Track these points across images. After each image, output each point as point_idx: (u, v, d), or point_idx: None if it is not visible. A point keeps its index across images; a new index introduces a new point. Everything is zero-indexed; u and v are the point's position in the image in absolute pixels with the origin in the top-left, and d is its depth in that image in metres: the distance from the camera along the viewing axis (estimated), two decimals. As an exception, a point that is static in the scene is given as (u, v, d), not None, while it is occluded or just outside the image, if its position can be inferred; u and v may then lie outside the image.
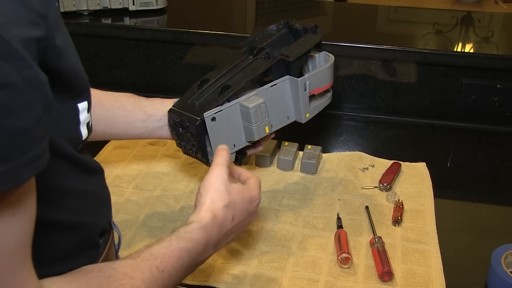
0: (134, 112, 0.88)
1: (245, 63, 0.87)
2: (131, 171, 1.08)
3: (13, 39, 0.39)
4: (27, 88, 0.40)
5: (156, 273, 0.59)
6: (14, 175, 0.40)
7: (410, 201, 1.00)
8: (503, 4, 2.49)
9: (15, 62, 0.39)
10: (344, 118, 1.34)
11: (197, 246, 0.65)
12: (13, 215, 0.43)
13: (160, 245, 0.62)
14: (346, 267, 0.84)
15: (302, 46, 0.88)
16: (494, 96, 1.26)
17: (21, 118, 0.39)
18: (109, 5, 1.42)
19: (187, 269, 0.65)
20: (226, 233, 0.71)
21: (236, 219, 0.72)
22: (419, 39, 1.39)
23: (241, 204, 0.73)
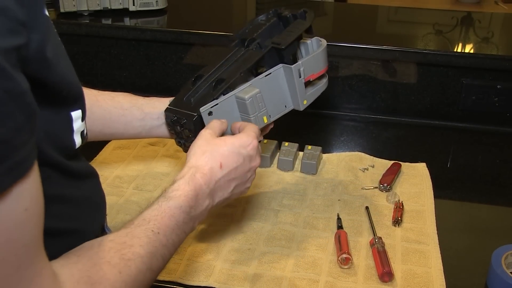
0: (132, 111, 0.88)
1: (237, 55, 0.86)
2: (131, 171, 1.08)
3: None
4: (7, 100, 0.40)
5: (152, 235, 0.60)
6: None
7: (410, 201, 1.00)
8: (503, 4, 2.49)
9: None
10: (344, 118, 1.34)
11: (187, 200, 0.66)
12: (25, 210, 0.44)
13: (151, 209, 0.63)
14: (346, 268, 0.84)
15: (292, 32, 0.87)
16: (494, 96, 1.26)
17: (0, 127, 0.40)
18: (109, 6, 1.42)
19: (184, 225, 0.65)
20: (218, 182, 0.71)
21: (226, 166, 0.72)
22: (419, 39, 1.39)
23: (229, 150, 0.73)
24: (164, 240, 0.61)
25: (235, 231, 0.92)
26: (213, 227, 0.93)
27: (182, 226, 0.65)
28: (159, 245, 0.60)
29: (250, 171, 0.76)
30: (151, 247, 0.59)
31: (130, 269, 0.56)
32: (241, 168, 0.74)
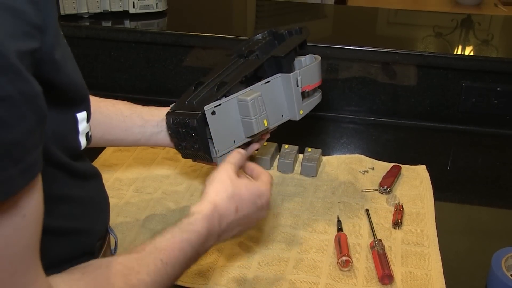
0: (132, 117, 0.89)
1: (237, 64, 0.89)
2: (131, 174, 1.08)
3: (11, 53, 0.40)
4: (21, 101, 0.40)
5: (161, 265, 0.60)
6: (7, 185, 0.41)
7: (410, 204, 1.00)
8: (503, 7, 2.49)
9: (12, 76, 0.39)
10: (344, 120, 1.34)
11: (199, 237, 0.66)
12: (23, 217, 0.44)
13: (164, 238, 0.64)
14: (346, 270, 0.84)
15: (289, 44, 0.90)
16: (494, 98, 1.26)
17: (14, 130, 0.40)
18: (110, 8, 1.42)
19: (189, 260, 0.66)
20: (229, 225, 0.71)
21: (240, 211, 0.72)
22: (419, 41, 1.39)
23: (247, 197, 0.73)
24: (171, 272, 0.62)
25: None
26: (213, 229, 0.93)
27: (188, 261, 0.66)
28: (165, 275, 0.61)
29: (259, 218, 0.77)
30: (158, 276, 0.60)
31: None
32: (252, 216, 0.75)
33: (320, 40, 1.28)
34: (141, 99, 1.40)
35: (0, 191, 0.41)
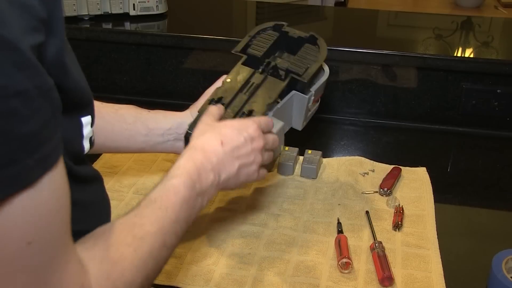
0: (135, 125, 0.88)
1: (257, 81, 0.87)
2: (132, 175, 1.08)
3: (26, 48, 0.41)
4: (37, 95, 0.42)
5: (160, 213, 0.61)
6: (24, 176, 0.42)
7: (411, 206, 1.00)
8: (503, 9, 2.49)
9: (28, 71, 0.41)
10: (345, 123, 1.34)
11: (189, 176, 0.67)
12: (57, 200, 0.46)
13: (155, 189, 0.65)
14: (347, 272, 0.84)
15: (307, 61, 0.90)
16: (494, 101, 1.26)
17: (30, 123, 0.42)
18: (110, 10, 1.42)
19: (191, 200, 0.66)
20: (220, 159, 0.72)
21: (226, 143, 0.73)
22: (419, 44, 1.39)
23: (229, 130, 0.75)
24: (174, 217, 0.63)
25: (235, 235, 0.92)
26: (213, 231, 0.93)
27: (190, 201, 0.66)
28: (169, 221, 0.62)
29: (254, 152, 0.77)
30: (161, 224, 0.61)
31: (143, 246, 0.58)
32: (243, 148, 0.75)
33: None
34: (141, 101, 1.40)
35: (18, 181, 0.42)
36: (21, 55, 0.40)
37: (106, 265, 0.53)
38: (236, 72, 0.89)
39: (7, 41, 0.40)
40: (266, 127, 0.81)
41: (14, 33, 0.40)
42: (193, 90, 1.38)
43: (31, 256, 0.44)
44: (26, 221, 0.43)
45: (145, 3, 1.43)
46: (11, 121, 0.40)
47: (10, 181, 0.41)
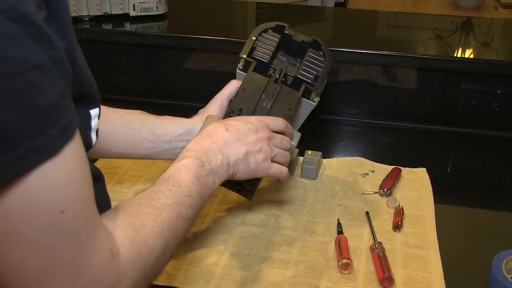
0: (141, 131, 0.87)
1: (274, 91, 0.88)
2: (132, 176, 1.08)
3: (41, 21, 0.43)
4: (53, 66, 0.44)
5: (174, 188, 0.66)
6: (47, 146, 0.44)
7: (411, 206, 1.00)
8: (503, 9, 2.50)
9: (44, 43, 0.43)
10: (345, 123, 1.34)
11: (197, 156, 0.71)
12: (80, 170, 0.48)
13: (167, 170, 0.70)
14: (347, 273, 0.84)
15: (315, 68, 0.92)
16: (494, 101, 1.26)
17: (50, 93, 0.43)
18: (110, 11, 1.42)
19: (203, 178, 0.70)
20: (227, 141, 0.76)
21: (231, 129, 0.77)
22: (419, 44, 1.39)
23: (233, 121, 0.80)
24: (187, 191, 0.67)
25: (235, 236, 0.92)
26: (213, 232, 0.93)
27: (201, 178, 0.70)
28: (183, 195, 0.66)
29: (260, 141, 0.79)
30: (176, 197, 0.65)
31: (162, 216, 0.61)
32: (248, 136, 0.78)
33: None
34: (141, 101, 1.40)
35: (44, 151, 0.43)
36: (37, 28, 0.42)
37: (130, 231, 0.56)
38: (250, 80, 0.89)
39: (24, 16, 0.41)
40: (273, 125, 0.83)
41: (29, 8, 0.42)
42: (193, 91, 1.39)
43: (65, 224, 0.46)
44: (56, 191, 0.45)
45: (145, 4, 1.43)
46: (33, 94, 0.42)
47: (37, 151, 0.43)
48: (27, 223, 0.44)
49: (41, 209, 0.45)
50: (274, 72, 0.91)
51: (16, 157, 0.42)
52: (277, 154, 0.82)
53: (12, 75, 0.40)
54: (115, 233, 0.55)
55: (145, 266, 0.57)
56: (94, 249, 0.50)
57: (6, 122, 0.40)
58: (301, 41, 0.94)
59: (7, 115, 0.40)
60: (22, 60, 0.41)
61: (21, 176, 0.43)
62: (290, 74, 0.91)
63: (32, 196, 0.44)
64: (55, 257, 0.46)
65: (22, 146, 0.42)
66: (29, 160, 0.42)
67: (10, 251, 0.45)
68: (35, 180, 0.43)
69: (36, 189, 0.44)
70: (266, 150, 0.80)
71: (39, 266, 0.46)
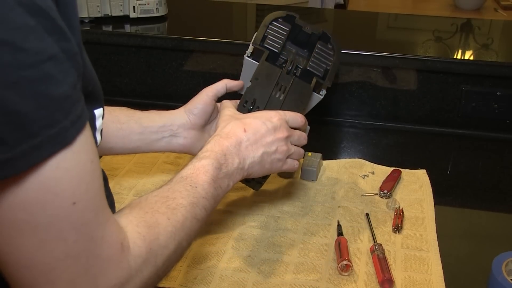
0: (129, 124, 0.89)
1: (286, 83, 0.89)
2: (132, 178, 1.08)
3: (55, 15, 0.44)
4: (65, 59, 0.45)
5: (191, 189, 0.67)
6: (61, 136, 0.45)
7: (411, 208, 1.00)
8: (503, 11, 2.50)
9: (57, 36, 0.44)
10: (345, 125, 1.34)
11: (216, 158, 0.73)
12: (91, 162, 0.49)
13: (186, 168, 0.71)
14: (347, 275, 0.84)
15: (325, 61, 0.92)
16: (494, 103, 1.26)
17: (63, 85, 0.44)
18: (110, 13, 1.42)
19: (219, 180, 0.72)
20: (244, 143, 0.77)
21: (249, 130, 0.78)
22: (419, 46, 1.39)
23: (253, 119, 0.79)
24: (203, 193, 0.68)
25: (235, 238, 0.92)
26: (214, 234, 0.93)
27: (217, 180, 0.71)
28: (199, 196, 0.67)
29: (278, 141, 0.80)
30: (192, 198, 0.66)
31: (176, 216, 0.62)
32: (267, 137, 0.79)
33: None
34: (141, 103, 1.40)
35: (57, 141, 0.44)
36: (52, 21, 0.43)
37: (142, 228, 0.57)
38: (261, 70, 0.89)
39: (40, 8, 0.43)
40: (292, 122, 0.84)
41: (45, 1, 0.43)
42: (193, 92, 1.38)
43: (77, 215, 0.47)
44: (69, 182, 0.46)
45: (145, 6, 1.43)
46: (48, 85, 0.43)
47: (52, 141, 0.44)
48: (41, 213, 0.45)
49: (55, 200, 0.45)
50: (286, 63, 0.91)
51: (32, 147, 0.43)
52: (293, 153, 0.84)
53: (29, 66, 0.41)
54: (128, 228, 0.55)
55: (156, 263, 0.57)
56: (104, 241, 0.50)
57: (23, 112, 0.41)
58: (311, 33, 0.94)
59: (24, 105, 0.41)
60: (38, 51, 0.42)
61: (36, 166, 0.44)
62: (299, 66, 0.92)
63: (46, 186, 0.45)
64: (67, 248, 0.47)
65: (38, 136, 0.43)
66: (44, 150, 0.43)
67: (23, 241, 0.45)
68: (49, 170, 0.44)
69: (50, 180, 0.45)
70: (283, 150, 0.81)
71: (51, 257, 0.47)
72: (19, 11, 0.41)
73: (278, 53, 0.91)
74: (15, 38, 0.41)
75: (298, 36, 0.94)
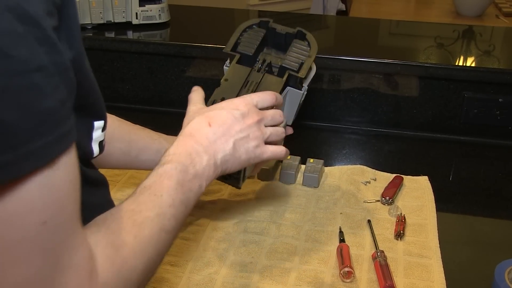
0: (160, 141, 0.92)
1: (256, 79, 0.87)
2: (134, 184, 1.08)
3: (48, 26, 0.43)
4: (55, 72, 0.43)
5: (156, 199, 0.62)
6: (45, 151, 0.43)
7: (413, 215, 1.00)
8: (504, 18, 2.50)
9: (48, 47, 0.42)
10: (346, 131, 1.34)
11: (180, 160, 0.66)
12: (70, 182, 0.47)
13: (149, 177, 0.65)
14: (349, 281, 0.83)
15: (300, 57, 0.90)
16: (495, 110, 1.26)
17: (49, 98, 0.42)
18: (113, 19, 1.43)
19: (187, 183, 0.66)
20: (212, 138, 0.71)
21: (215, 123, 0.72)
22: (420, 52, 1.39)
23: (217, 111, 0.73)
24: (169, 201, 0.63)
25: (236, 244, 0.92)
26: (215, 240, 0.93)
27: (186, 184, 0.66)
28: (165, 206, 0.62)
29: (249, 127, 0.74)
30: (158, 208, 0.61)
31: (143, 232, 0.58)
32: (235, 126, 0.73)
33: (322, 51, 1.28)
34: (143, 109, 1.41)
35: (39, 156, 0.42)
36: (43, 31, 0.42)
37: (110, 251, 0.54)
38: (232, 72, 0.89)
39: (31, 17, 0.41)
40: (262, 103, 0.78)
41: (37, 11, 0.42)
42: (195, 99, 1.39)
43: (45, 236, 0.45)
44: (42, 200, 0.44)
45: (148, 12, 1.44)
46: (33, 96, 0.41)
47: (31, 156, 0.42)
48: (8, 230, 0.42)
49: (25, 217, 0.43)
50: (258, 63, 0.91)
51: (12, 160, 0.41)
52: (270, 135, 0.77)
53: (15, 74, 0.40)
54: (97, 250, 0.52)
55: (125, 287, 0.55)
56: (73, 269, 0.47)
57: (5, 122, 0.40)
58: (285, 33, 0.94)
59: (7, 115, 0.40)
60: (25, 60, 0.41)
61: (15, 179, 0.42)
62: (276, 66, 0.90)
63: (18, 201, 0.42)
64: (29, 273, 0.44)
65: (19, 149, 0.41)
66: (24, 164, 0.42)
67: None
68: (26, 185, 0.42)
69: (24, 194, 0.43)
70: (257, 135, 0.75)
71: (9, 282, 0.43)
72: (7, 17, 0.39)
73: (252, 56, 0.90)
74: (1, 43, 0.39)
75: (276, 39, 0.94)
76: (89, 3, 1.39)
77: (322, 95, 1.32)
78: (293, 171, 1.09)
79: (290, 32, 0.94)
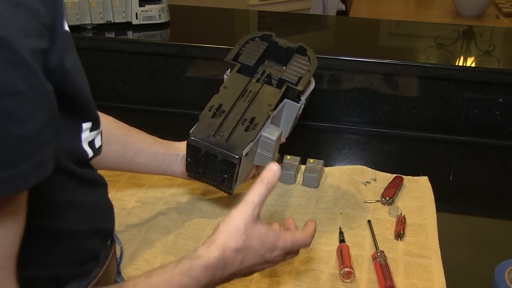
0: (155, 145, 0.92)
1: (255, 89, 0.89)
2: (134, 184, 1.08)
3: (23, 48, 0.40)
4: (33, 97, 0.41)
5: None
6: (17, 180, 0.41)
7: (413, 215, 1.00)
8: (504, 18, 2.50)
9: (23, 71, 0.40)
10: (346, 131, 1.34)
11: (197, 285, 0.61)
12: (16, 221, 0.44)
13: (161, 277, 0.59)
14: (349, 282, 0.83)
15: (299, 71, 0.91)
16: (495, 110, 1.26)
17: (26, 125, 0.40)
18: (113, 19, 1.43)
19: None
20: (230, 274, 0.65)
21: (245, 262, 0.65)
22: (420, 53, 1.39)
23: (257, 249, 0.66)
24: None
25: (237, 244, 0.92)
26: (215, 240, 0.93)
27: None
28: None
29: (268, 264, 0.70)
30: None
31: None
32: (255, 267, 0.68)
33: (322, 51, 1.28)
34: (143, 109, 1.41)
35: (10, 186, 0.41)
36: (17, 55, 0.39)
37: None
38: (232, 80, 0.90)
39: (2, 39, 0.39)
40: (299, 246, 0.72)
41: (13, 34, 0.39)
42: (195, 99, 1.39)
43: None
44: None
45: (148, 12, 1.44)
46: (5, 122, 0.39)
47: (2, 184, 0.40)
48: None
49: None
50: (257, 74, 0.92)
51: None
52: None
53: None
54: None
55: None
56: None
57: None
58: (287, 47, 0.95)
59: None
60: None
61: None
62: (275, 78, 0.92)
63: None
64: None
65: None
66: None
67: None
68: None
69: None
70: (268, 267, 0.71)
71: None
72: None
73: (253, 67, 0.91)
74: None
75: (277, 53, 0.96)
76: (89, 3, 1.39)
77: (322, 95, 1.32)
78: (293, 171, 1.09)
79: (292, 47, 0.95)
